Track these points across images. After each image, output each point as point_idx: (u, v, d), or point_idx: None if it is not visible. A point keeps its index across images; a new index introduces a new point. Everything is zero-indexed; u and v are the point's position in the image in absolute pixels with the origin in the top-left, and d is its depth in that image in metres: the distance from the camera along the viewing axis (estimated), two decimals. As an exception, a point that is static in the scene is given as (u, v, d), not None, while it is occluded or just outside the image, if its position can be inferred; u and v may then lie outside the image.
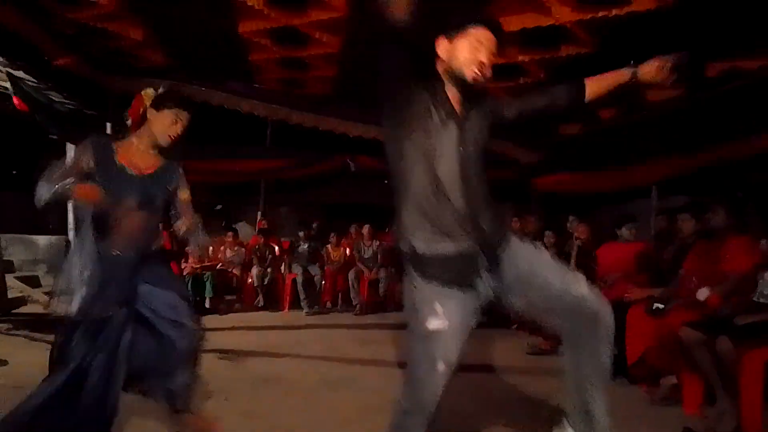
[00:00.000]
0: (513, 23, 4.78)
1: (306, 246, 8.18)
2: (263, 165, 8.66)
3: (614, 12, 4.32)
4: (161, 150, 2.64)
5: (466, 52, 2.07)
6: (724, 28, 4.59)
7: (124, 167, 2.54)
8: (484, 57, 2.07)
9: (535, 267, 2.14)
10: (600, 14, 4.39)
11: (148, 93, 2.60)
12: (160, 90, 2.63)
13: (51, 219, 9.39)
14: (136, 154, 2.59)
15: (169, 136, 2.58)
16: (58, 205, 2.45)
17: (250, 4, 4.93)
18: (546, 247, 6.78)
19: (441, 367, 2.07)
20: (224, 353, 4.96)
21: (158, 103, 2.56)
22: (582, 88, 2.30)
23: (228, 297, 7.99)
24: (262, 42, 5.85)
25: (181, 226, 2.74)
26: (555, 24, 4.64)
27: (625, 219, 5.42)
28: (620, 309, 4.42)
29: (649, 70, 2.24)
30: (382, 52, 2.07)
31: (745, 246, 3.87)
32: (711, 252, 3.98)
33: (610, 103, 6.91)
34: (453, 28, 2.11)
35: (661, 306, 4.02)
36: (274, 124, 8.63)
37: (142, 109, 2.59)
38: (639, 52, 5.12)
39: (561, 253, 6.49)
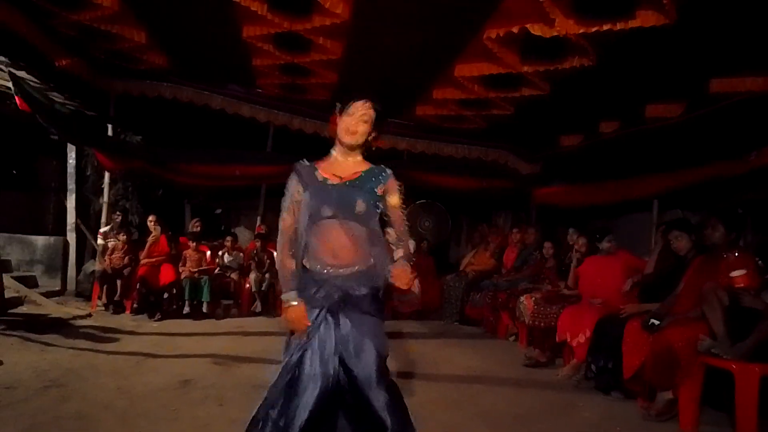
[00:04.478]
0: (517, 33, 4.79)
1: (304, 252, 8.15)
2: (264, 170, 8.64)
3: (618, 26, 4.32)
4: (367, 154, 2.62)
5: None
6: (726, 46, 4.61)
7: (325, 179, 2.52)
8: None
9: None
10: (604, 28, 4.39)
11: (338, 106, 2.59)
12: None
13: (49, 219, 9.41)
14: (336, 164, 2.57)
15: (348, 131, 2.51)
16: None
17: (253, 9, 4.95)
18: (545, 258, 6.79)
19: None
20: (219, 359, 4.94)
21: (341, 110, 2.55)
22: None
23: (225, 302, 7.96)
24: (265, 47, 5.86)
25: (390, 232, 2.60)
26: (559, 35, 4.65)
27: (603, 232, 5.53)
28: (617, 324, 4.43)
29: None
30: None
31: (743, 261, 3.86)
32: (709, 267, 3.97)
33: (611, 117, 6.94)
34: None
35: (657, 321, 3.99)
36: (276, 129, 8.64)
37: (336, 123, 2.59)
38: (641, 66, 5.16)
39: (560, 265, 6.49)
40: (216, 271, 7.85)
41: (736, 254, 3.88)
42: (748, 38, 4.42)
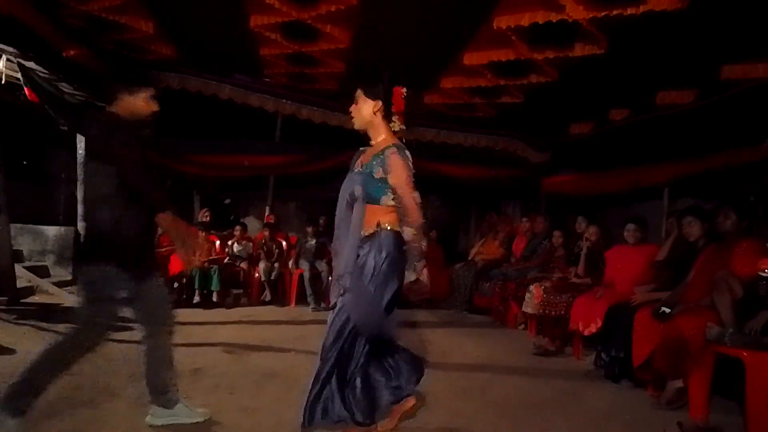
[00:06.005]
0: (525, 19, 4.74)
1: (313, 241, 8.16)
2: (272, 160, 8.65)
3: (629, 11, 4.26)
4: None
5: None
6: (738, 31, 4.54)
7: (353, 167, 2.75)
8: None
9: None
10: (614, 12, 4.33)
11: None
12: None
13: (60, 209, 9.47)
14: (367, 150, 2.72)
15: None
16: None
17: (260, -3, 4.94)
18: (554, 247, 6.76)
19: None
20: (229, 347, 4.97)
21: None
22: None
23: (235, 291, 8.00)
24: (272, 36, 5.84)
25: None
26: (568, 20, 4.59)
27: (628, 219, 5.38)
28: (626, 312, 4.41)
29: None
30: None
31: (755, 249, 3.82)
32: (720, 256, 3.93)
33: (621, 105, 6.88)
34: None
35: (667, 310, 3.97)
36: (284, 119, 8.63)
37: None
38: (651, 53, 5.09)
39: (569, 254, 6.46)
40: (225, 260, 7.89)
41: (748, 241, 3.85)
42: (761, 23, 4.35)
